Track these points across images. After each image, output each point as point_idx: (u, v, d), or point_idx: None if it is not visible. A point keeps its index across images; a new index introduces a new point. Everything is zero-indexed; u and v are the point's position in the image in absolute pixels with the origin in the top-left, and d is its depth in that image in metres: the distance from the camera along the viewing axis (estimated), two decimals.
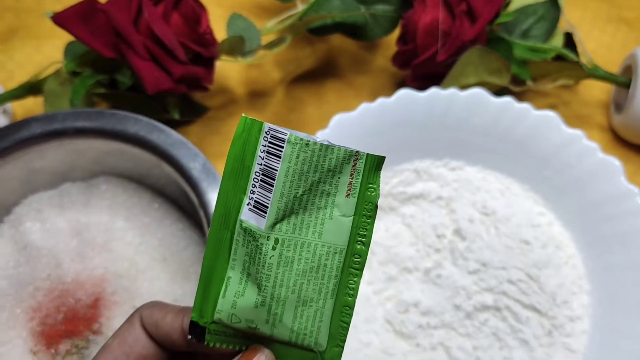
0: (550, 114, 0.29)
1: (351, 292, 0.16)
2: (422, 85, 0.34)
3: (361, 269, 0.16)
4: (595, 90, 0.40)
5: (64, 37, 0.34)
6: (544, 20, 0.37)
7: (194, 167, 0.27)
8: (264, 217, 0.15)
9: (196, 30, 0.32)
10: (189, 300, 0.29)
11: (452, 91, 0.30)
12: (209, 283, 0.16)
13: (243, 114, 0.16)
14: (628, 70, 0.37)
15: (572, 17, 0.42)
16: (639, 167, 0.37)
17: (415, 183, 0.32)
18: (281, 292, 0.16)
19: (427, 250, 0.30)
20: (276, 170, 0.15)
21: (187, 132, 0.37)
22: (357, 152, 0.16)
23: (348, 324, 0.16)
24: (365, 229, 0.16)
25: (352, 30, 0.36)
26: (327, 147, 0.15)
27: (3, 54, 0.40)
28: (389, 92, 0.37)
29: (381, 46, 0.41)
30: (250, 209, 0.16)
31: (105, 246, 0.30)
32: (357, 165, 0.16)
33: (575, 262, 0.29)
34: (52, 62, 0.33)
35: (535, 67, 0.35)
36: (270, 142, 0.15)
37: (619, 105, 0.38)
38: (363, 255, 0.16)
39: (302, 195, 0.15)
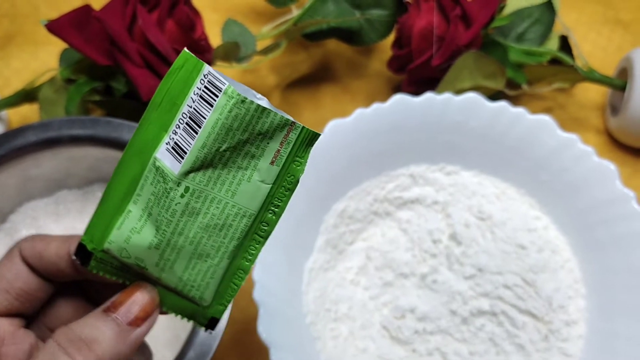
0: (545, 118, 0.29)
1: (250, 257, 0.16)
2: (417, 89, 0.34)
3: (266, 237, 0.16)
4: (591, 93, 0.40)
5: (60, 44, 0.34)
6: (540, 23, 0.37)
7: None
8: (180, 162, 0.15)
9: (191, 37, 0.32)
10: None
11: (446, 96, 0.30)
12: (107, 211, 0.15)
13: (185, 49, 0.15)
14: (624, 72, 0.37)
15: (567, 20, 0.42)
16: (635, 169, 0.37)
17: (411, 188, 0.32)
18: (179, 240, 0.15)
19: (423, 256, 0.30)
20: (205, 118, 0.15)
21: None
22: (294, 122, 0.15)
23: (238, 286, 0.16)
24: (281, 200, 0.16)
25: (348, 35, 0.36)
26: (264, 110, 0.15)
27: (0, 60, 0.40)
28: (385, 96, 0.37)
29: (376, 51, 0.41)
30: (167, 149, 0.15)
31: None
32: (289, 136, 0.15)
33: (571, 266, 0.29)
34: (48, 69, 0.33)
35: (531, 71, 0.35)
36: (205, 87, 0.15)
37: (614, 108, 0.38)
38: (271, 225, 0.16)
39: (225, 151, 0.15)
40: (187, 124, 0.15)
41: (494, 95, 0.36)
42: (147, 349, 0.19)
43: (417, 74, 0.35)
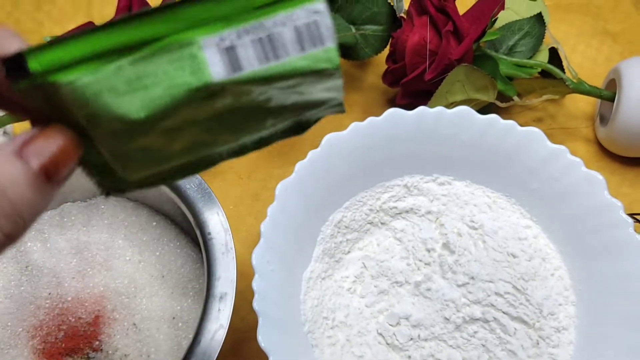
0: (534, 130, 0.30)
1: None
2: (411, 102, 0.35)
3: None
4: (581, 103, 0.41)
5: None
6: (530, 36, 0.38)
7: (190, 187, 0.28)
8: (228, 69, 0.13)
9: None
10: (187, 316, 0.29)
11: (439, 109, 0.31)
12: (84, 46, 0.12)
13: None
14: (612, 84, 0.38)
15: (557, 32, 0.43)
16: (625, 178, 0.38)
17: (405, 198, 0.33)
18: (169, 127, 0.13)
19: (418, 264, 0.31)
20: (285, 55, 0.13)
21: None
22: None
23: None
24: None
25: (344, 50, 0.37)
26: (340, 104, 0.15)
27: None
28: (381, 108, 0.38)
29: (372, 64, 0.42)
30: (218, 46, 0.13)
31: (105, 264, 0.30)
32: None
33: (561, 274, 0.30)
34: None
35: (521, 84, 0.36)
36: (308, 25, 0.13)
37: (603, 118, 0.39)
38: None
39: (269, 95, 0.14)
40: (260, 40, 0.13)
41: (485, 107, 0.37)
42: None
43: (411, 87, 0.36)
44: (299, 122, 0.15)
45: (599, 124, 0.39)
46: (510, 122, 0.31)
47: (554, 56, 0.38)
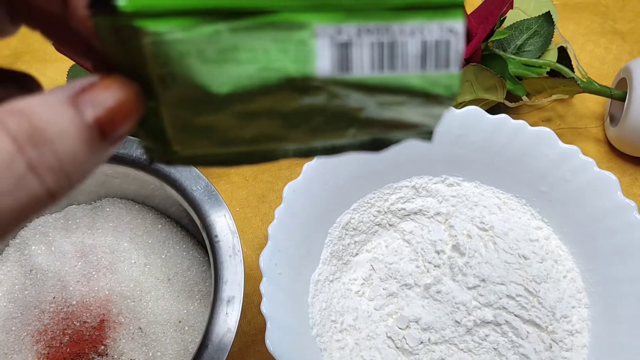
0: (545, 130, 0.30)
1: None
2: None
3: None
4: (590, 103, 0.40)
5: (67, 61, 0.35)
6: (538, 35, 0.38)
7: (196, 189, 0.28)
8: (336, 66, 0.12)
9: None
10: (193, 320, 0.29)
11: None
12: None
13: None
14: (622, 83, 0.37)
15: (565, 31, 0.43)
16: (635, 178, 0.37)
17: (414, 199, 0.32)
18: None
19: (427, 266, 0.30)
20: (401, 68, 0.12)
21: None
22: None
23: None
24: None
25: None
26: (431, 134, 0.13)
27: None
28: None
29: None
30: (332, 39, 0.11)
31: (111, 267, 0.30)
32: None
33: (573, 276, 0.29)
34: (56, 86, 0.34)
35: (530, 84, 0.35)
36: (437, 41, 0.12)
37: (614, 118, 0.38)
38: None
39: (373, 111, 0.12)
40: (381, 44, 0.12)
41: (493, 107, 0.36)
42: None
43: None
44: (379, 139, 0.14)
45: (609, 123, 0.38)
46: (521, 122, 0.30)
47: (563, 55, 0.38)
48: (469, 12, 0.35)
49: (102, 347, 0.28)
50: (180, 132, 0.12)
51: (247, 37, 0.11)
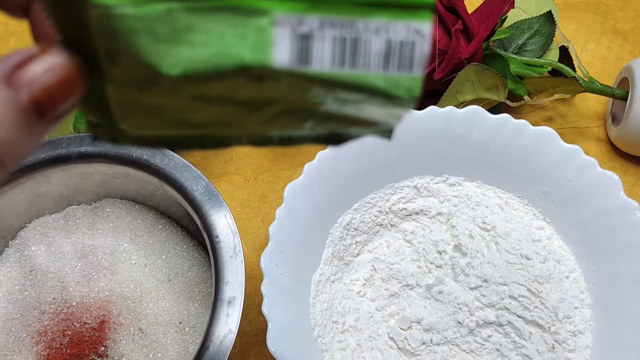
0: (547, 129, 0.30)
1: None
2: (421, 101, 0.35)
3: None
4: (592, 102, 0.40)
5: None
6: (540, 35, 0.38)
7: (197, 189, 0.28)
8: (294, 59, 0.11)
9: None
10: (194, 321, 0.29)
11: (449, 109, 0.30)
12: None
13: None
14: (624, 82, 0.37)
15: (566, 31, 0.42)
16: (637, 178, 0.37)
17: (415, 199, 0.32)
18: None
19: (429, 267, 0.30)
20: (364, 66, 0.12)
21: (190, 152, 0.37)
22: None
23: None
24: None
25: None
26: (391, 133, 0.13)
27: None
28: None
29: None
30: (292, 30, 0.11)
31: (111, 268, 0.30)
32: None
33: (576, 276, 0.29)
34: None
35: (532, 83, 0.35)
36: (402, 43, 0.12)
37: (615, 117, 0.38)
38: None
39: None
40: (343, 40, 0.11)
41: (495, 107, 0.36)
42: None
43: None
44: (337, 134, 0.13)
45: (611, 123, 0.38)
46: (523, 121, 0.30)
47: (565, 55, 0.38)
48: (470, 12, 0.35)
49: (103, 348, 0.28)
50: (126, 111, 0.11)
51: (203, 19, 0.10)
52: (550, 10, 0.37)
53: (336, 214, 0.30)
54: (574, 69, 0.36)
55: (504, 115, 0.30)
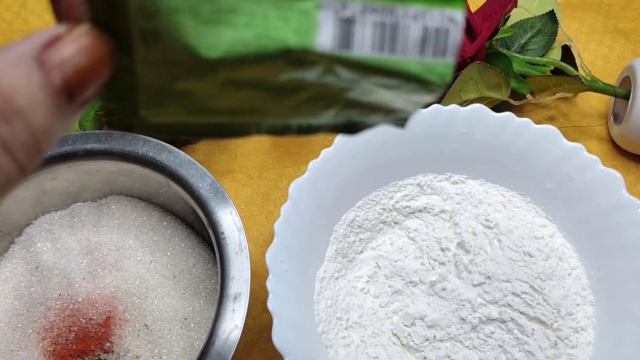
0: (550, 127, 0.30)
1: None
2: None
3: None
4: (594, 101, 0.40)
5: None
6: (542, 34, 0.38)
7: (202, 186, 0.28)
8: (337, 42, 0.11)
9: None
10: (199, 317, 0.29)
11: (453, 107, 0.30)
12: None
13: None
14: (626, 81, 0.37)
15: (568, 30, 0.43)
16: (639, 176, 0.37)
17: (418, 197, 0.32)
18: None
19: (432, 264, 0.30)
20: (402, 51, 0.12)
21: (195, 150, 0.37)
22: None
23: None
24: None
25: None
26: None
27: None
28: None
29: None
30: (335, 14, 0.11)
31: (116, 265, 0.30)
32: None
33: (578, 274, 0.29)
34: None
35: (535, 82, 0.35)
36: (437, 30, 0.12)
37: (617, 116, 0.38)
38: None
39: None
40: (384, 25, 0.11)
41: (498, 105, 0.36)
42: None
43: None
44: (354, 122, 0.13)
45: (613, 122, 0.38)
46: (526, 119, 0.30)
47: (567, 54, 0.38)
48: (473, 11, 0.35)
49: (108, 344, 0.28)
50: (153, 96, 0.11)
51: (248, 0, 0.10)
52: (552, 10, 0.38)
53: (340, 211, 0.31)
54: (576, 68, 0.36)
55: (507, 113, 0.30)
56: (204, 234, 0.32)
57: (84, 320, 0.29)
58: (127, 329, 0.29)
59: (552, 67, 0.36)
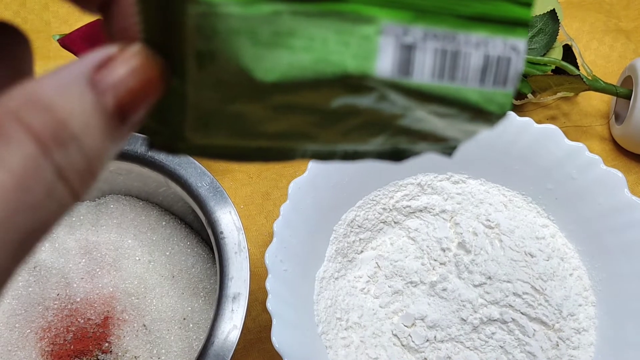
0: (551, 127, 0.30)
1: None
2: None
3: None
4: (595, 101, 0.40)
5: (71, 58, 0.35)
6: (543, 33, 0.38)
7: (202, 186, 0.28)
8: (397, 69, 0.11)
9: None
10: (198, 317, 0.29)
11: None
12: None
13: None
14: (627, 81, 0.37)
15: (569, 29, 0.42)
16: None
17: (419, 197, 0.32)
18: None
19: (433, 264, 0.30)
20: (461, 80, 0.12)
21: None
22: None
23: None
24: None
25: None
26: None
27: None
28: None
29: None
30: (396, 41, 0.11)
31: (115, 264, 0.30)
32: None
33: (580, 274, 0.29)
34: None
35: (536, 81, 0.35)
36: (501, 57, 0.12)
37: (619, 116, 0.38)
38: None
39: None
40: (445, 52, 0.11)
41: None
42: None
43: None
44: (401, 150, 0.13)
45: (615, 122, 0.38)
46: (527, 119, 0.30)
47: (568, 53, 0.38)
48: None
49: (106, 344, 0.28)
50: (201, 118, 0.11)
51: (308, 23, 0.10)
52: (554, 9, 0.38)
53: (340, 211, 0.31)
54: (577, 67, 0.36)
55: (508, 112, 0.30)
56: (203, 233, 0.32)
57: (82, 320, 0.29)
58: (125, 329, 0.29)
59: (553, 67, 0.36)
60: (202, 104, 0.10)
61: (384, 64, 0.11)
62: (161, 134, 0.11)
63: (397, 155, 0.13)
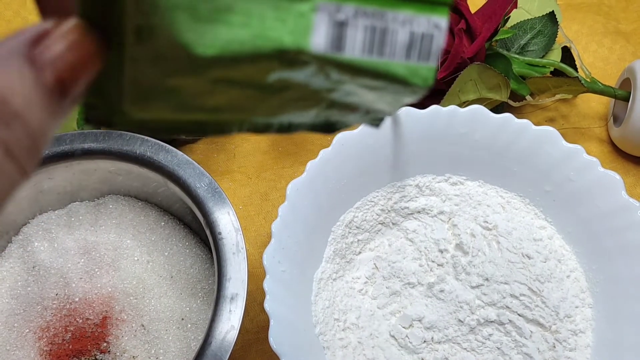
0: (549, 129, 0.30)
1: None
2: (423, 101, 0.35)
3: None
4: (594, 103, 0.40)
5: None
6: (542, 35, 0.38)
7: (200, 186, 0.28)
8: (329, 44, 0.12)
9: None
10: (196, 317, 0.29)
11: (452, 108, 0.30)
12: None
13: None
14: (626, 83, 0.37)
15: (569, 32, 0.43)
16: (639, 178, 0.37)
17: (417, 198, 0.32)
18: None
19: (430, 265, 0.30)
20: (390, 55, 0.13)
21: (193, 150, 0.37)
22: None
23: None
24: None
25: None
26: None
27: None
28: None
29: None
30: (329, 17, 0.11)
31: (113, 265, 0.30)
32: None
33: (577, 276, 0.29)
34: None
35: (534, 83, 0.35)
36: (424, 34, 0.13)
37: (617, 118, 0.38)
38: None
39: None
40: (374, 29, 0.12)
41: (497, 106, 0.36)
42: None
43: None
44: (332, 122, 0.14)
45: (613, 124, 0.38)
46: (525, 121, 0.30)
47: (567, 55, 0.38)
48: (473, 12, 0.35)
49: (105, 344, 0.28)
50: (140, 92, 0.11)
51: (246, 0, 0.10)
52: (552, 11, 0.38)
53: (338, 212, 0.31)
54: (576, 69, 0.36)
55: (506, 114, 0.30)
56: (201, 234, 0.32)
57: (81, 320, 0.29)
58: (123, 329, 0.29)
59: (551, 69, 0.36)
60: (140, 78, 0.10)
61: (318, 40, 0.11)
62: (99, 108, 0.11)
63: (329, 127, 0.14)
